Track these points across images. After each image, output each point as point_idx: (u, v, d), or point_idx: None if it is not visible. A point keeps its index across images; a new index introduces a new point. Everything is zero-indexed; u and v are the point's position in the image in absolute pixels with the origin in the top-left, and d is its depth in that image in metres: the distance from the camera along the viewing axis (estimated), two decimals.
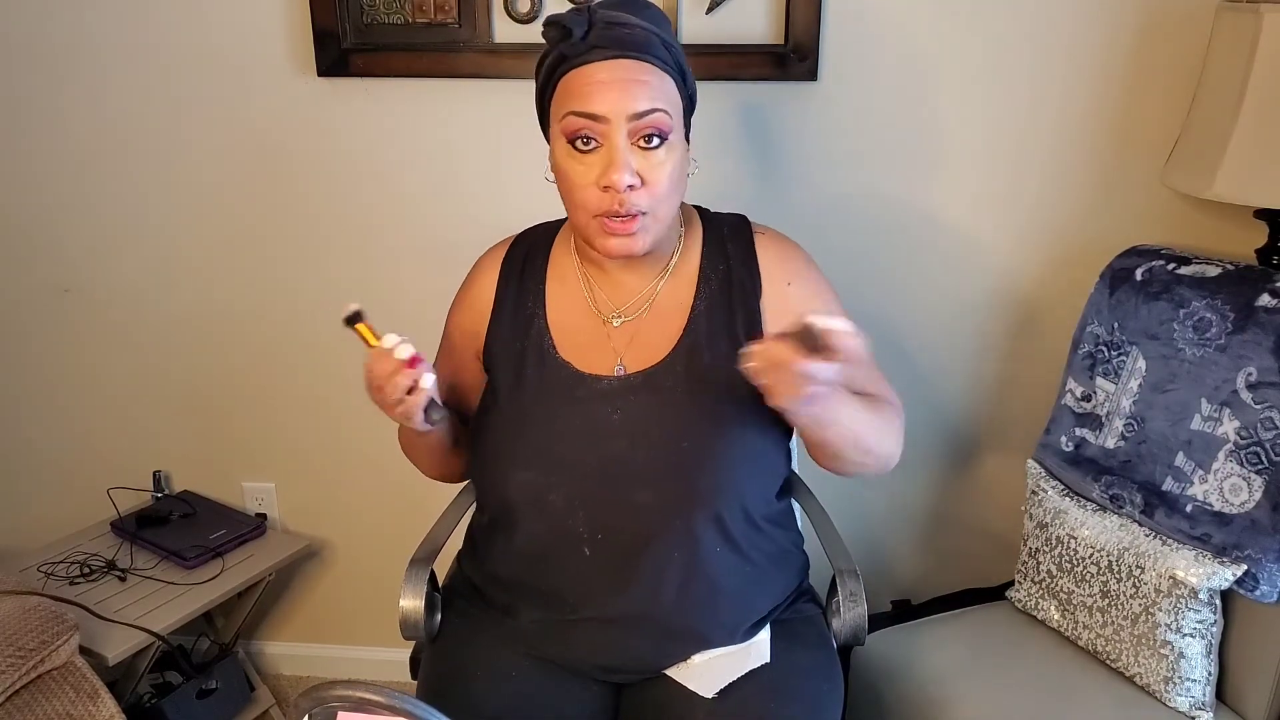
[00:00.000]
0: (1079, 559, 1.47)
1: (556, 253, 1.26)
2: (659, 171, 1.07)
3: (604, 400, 1.16)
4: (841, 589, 1.26)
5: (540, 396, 1.17)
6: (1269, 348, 1.32)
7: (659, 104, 1.06)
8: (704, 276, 1.20)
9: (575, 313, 1.21)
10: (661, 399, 1.15)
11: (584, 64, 1.06)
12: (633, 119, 1.05)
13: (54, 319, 1.98)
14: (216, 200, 1.85)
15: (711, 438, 1.14)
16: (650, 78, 1.07)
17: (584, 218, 1.10)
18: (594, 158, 1.07)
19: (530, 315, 1.22)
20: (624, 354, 1.18)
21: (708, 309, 1.19)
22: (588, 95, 1.05)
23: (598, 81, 1.05)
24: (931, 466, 1.88)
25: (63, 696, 1.47)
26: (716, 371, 1.15)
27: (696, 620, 1.16)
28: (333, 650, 2.17)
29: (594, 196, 1.08)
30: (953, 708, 1.41)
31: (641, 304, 1.20)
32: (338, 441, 1.99)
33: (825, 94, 1.67)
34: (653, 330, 1.19)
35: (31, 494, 2.11)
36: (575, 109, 1.06)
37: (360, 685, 0.81)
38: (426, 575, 1.26)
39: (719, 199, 1.35)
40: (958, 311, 1.77)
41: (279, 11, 1.72)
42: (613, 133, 1.05)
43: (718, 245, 1.23)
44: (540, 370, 1.18)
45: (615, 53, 1.06)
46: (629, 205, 1.06)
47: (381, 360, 1.06)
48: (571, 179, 1.09)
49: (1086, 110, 1.63)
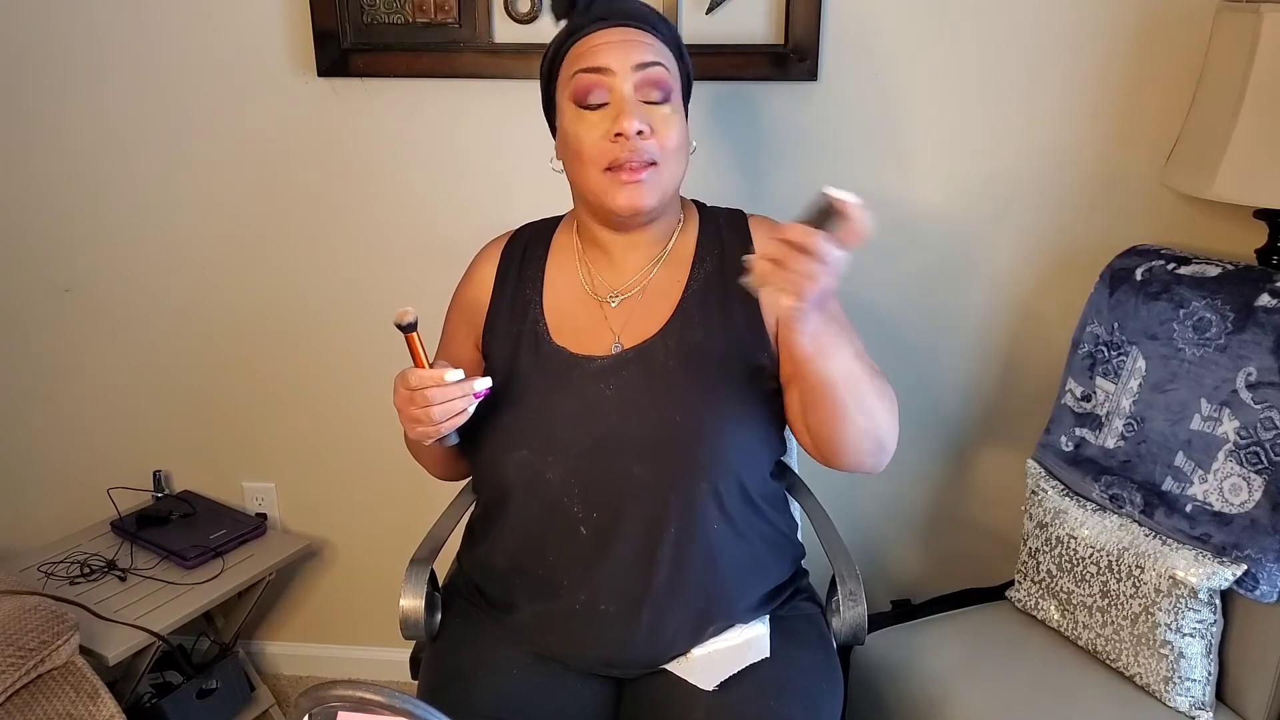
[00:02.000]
0: (1079, 559, 1.47)
1: (558, 241, 1.29)
2: (666, 125, 1.13)
3: (598, 378, 1.17)
4: (841, 588, 1.27)
5: (535, 379, 1.19)
6: (1269, 348, 1.32)
7: (661, 59, 1.13)
8: (699, 258, 1.23)
9: (572, 297, 1.23)
10: (653, 372, 1.16)
11: (588, 33, 1.14)
12: (638, 69, 1.11)
13: (54, 319, 1.98)
14: (216, 200, 1.85)
15: (704, 409, 1.14)
16: (651, 41, 1.14)
17: (594, 174, 1.13)
18: (602, 113, 1.12)
19: (527, 302, 1.24)
20: (620, 333, 1.20)
21: (701, 289, 1.21)
22: (594, 54, 1.12)
23: (603, 43, 1.12)
24: (931, 466, 1.88)
25: (63, 696, 1.47)
26: (709, 346, 1.17)
27: (694, 595, 1.16)
28: (333, 650, 2.17)
29: (604, 148, 1.11)
30: (952, 708, 1.41)
31: (638, 285, 1.22)
32: (338, 441, 1.99)
33: (825, 94, 1.67)
34: (647, 309, 1.21)
35: (31, 494, 2.11)
36: (582, 66, 1.12)
37: (360, 685, 0.81)
38: (427, 575, 1.26)
39: (719, 197, 1.35)
40: (957, 310, 1.77)
41: (279, 12, 1.72)
42: (619, 84, 1.11)
43: (713, 231, 1.26)
44: (535, 355, 1.20)
45: (618, 21, 1.14)
46: (639, 152, 1.11)
47: (437, 385, 1.06)
48: (581, 136, 1.13)
49: (1086, 110, 1.63)
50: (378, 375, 1.92)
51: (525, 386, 1.19)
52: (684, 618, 1.17)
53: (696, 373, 1.16)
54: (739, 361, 1.18)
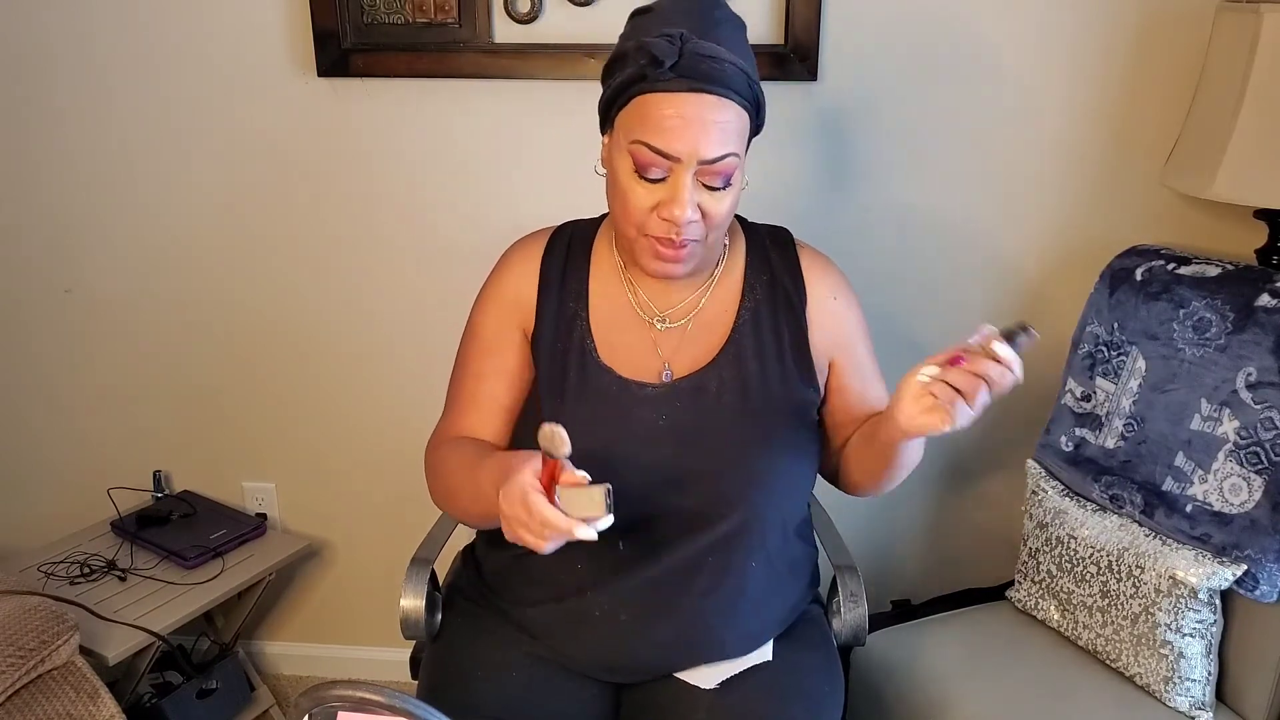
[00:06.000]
0: (1079, 559, 1.47)
1: (599, 250, 1.23)
2: (719, 206, 1.08)
3: (650, 405, 1.15)
4: (842, 589, 1.27)
5: (582, 401, 1.16)
6: (1269, 348, 1.32)
7: (730, 148, 1.05)
8: (748, 285, 1.21)
9: (618, 314, 1.20)
10: (706, 405, 1.15)
11: (664, 91, 1.03)
12: (704, 163, 1.04)
13: (54, 319, 1.98)
14: (216, 200, 1.85)
15: (759, 445, 1.14)
16: (728, 116, 1.04)
17: (633, 233, 1.10)
18: (657, 187, 1.06)
19: (573, 315, 1.19)
20: (670, 360, 1.18)
21: (753, 316, 1.19)
22: (664, 131, 1.03)
23: (676, 117, 1.02)
24: (931, 466, 1.87)
25: (63, 696, 1.47)
26: (761, 379, 1.16)
27: (717, 625, 1.16)
28: (333, 650, 2.17)
29: (650, 221, 1.08)
30: (953, 707, 1.41)
31: (687, 311, 1.19)
32: (338, 441, 1.99)
33: (825, 94, 1.67)
34: (698, 336, 1.18)
35: (31, 494, 2.11)
36: (649, 143, 1.04)
37: (360, 685, 0.81)
38: (427, 575, 1.26)
39: None
40: (957, 310, 1.77)
41: (279, 12, 1.72)
42: (682, 170, 1.04)
43: (760, 254, 1.23)
44: (581, 374, 1.17)
45: (699, 85, 1.02)
46: (684, 236, 1.07)
47: (563, 533, 0.94)
48: (629, 199, 1.08)
49: (1086, 110, 1.63)
50: (377, 375, 1.92)
51: (573, 406, 1.15)
52: (702, 639, 1.17)
53: (749, 408, 1.15)
54: (788, 396, 1.17)
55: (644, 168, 1.05)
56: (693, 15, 1.06)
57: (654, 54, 1.01)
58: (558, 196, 1.75)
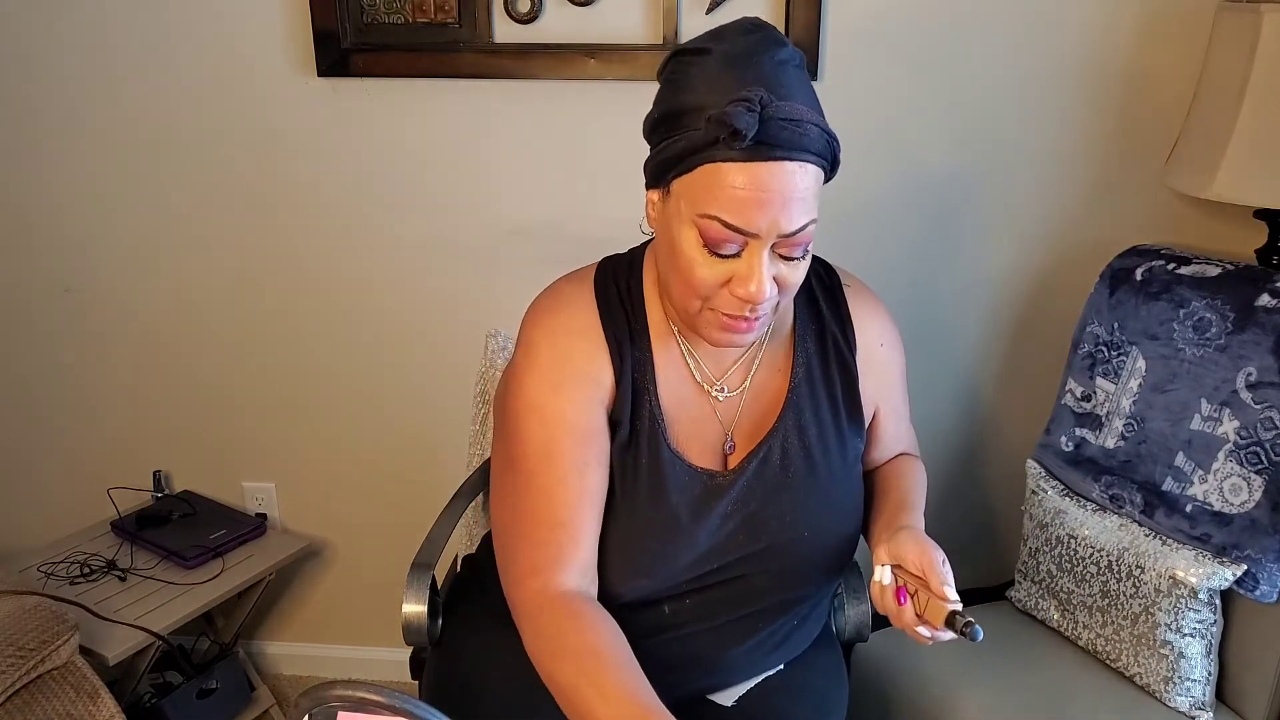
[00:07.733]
0: (1079, 559, 1.47)
1: (650, 311, 1.10)
2: (795, 274, 0.99)
3: (720, 496, 1.08)
4: (845, 586, 1.27)
5: (655, 497, 1.06)
6: (1269, 348, 1.32)
7: (811, 215, 0.95)
8: (799, 337, 1.13)
9: (681, 386, 1.10)
10: (772, 480, 1.09)
11: (743, 160, 0.91)
12: (783, 236, 0.94)
13: (54, 318, 1.98)
14: (217, 200, 1.85)
15: (829, 520, 1.11)
16: (808, 183, 0.94)
17: (695, 305, 0.99)
18: (729, 263, 0.96)
19: (641, 391, 1.08)
20: (732, 431, 1.11)
21: (806, 373, 1.12)
22: (741, 207, 0.92)
23: (754, 189, 0.91)
24: (932, 466, 1.86)
25: (63, 696, 1.47)
26: (820, 441, 1.11)
27: (745, 666, 1.15)
28: (333, 650, 2.17)
29: (720, 296, 0.97)
30: (953, 707, 1.41)
31: (743, 375, 1.11)
32: (338, 442, 1.99)
33: (825, 94, 1.65)
34: (755, 402, 1.11)
35: (31, 494, 2.11)
36: (723, 218, 0.92)
37: (360, 685, 0.81)
38: (428, 580, 1.25)
39: None
40: (957, 311, 1.77)
41: (279, 12, 1.72)
42: (759, 246, 0.94)
43: (808, 298, 1.14)
44: (653, 460, 1.07)
45: (780, 154, 0.91)
46: (759, 310, 0.98)
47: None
48: (695, 273, 0.96)
49: (1087, 110, 1.63)
50: (377, 375, 1.92)
51: (646, 503, 1.07)
52: (724, 681, 1.16)
53: (814, 476, 1.10)
54: (844, 453, 1.13)
55: (715, 244, 0.94)
56: (759, 64, 0.93)
57: (735, 127, 0.88)
58: (558, 196, 1.75)
